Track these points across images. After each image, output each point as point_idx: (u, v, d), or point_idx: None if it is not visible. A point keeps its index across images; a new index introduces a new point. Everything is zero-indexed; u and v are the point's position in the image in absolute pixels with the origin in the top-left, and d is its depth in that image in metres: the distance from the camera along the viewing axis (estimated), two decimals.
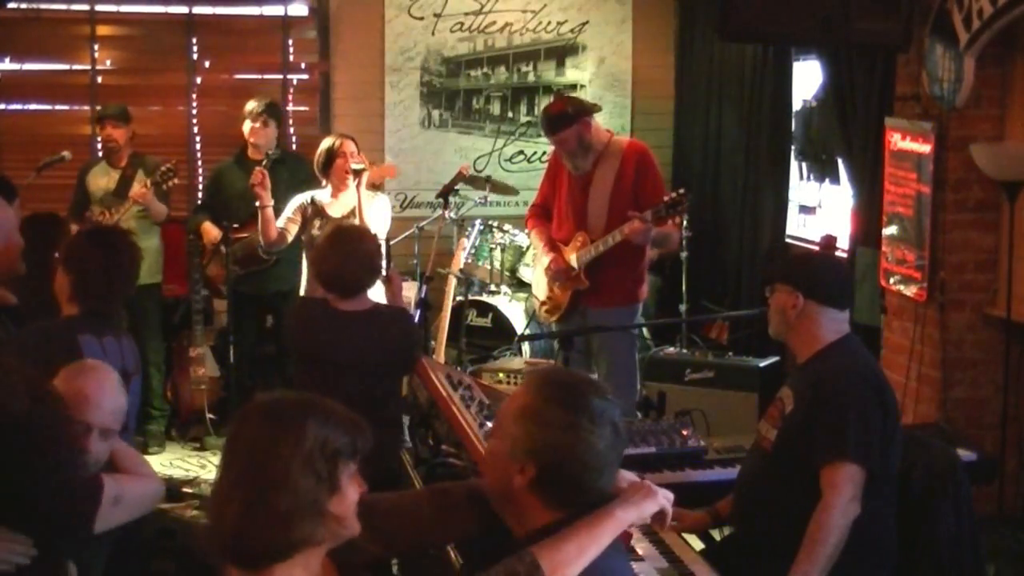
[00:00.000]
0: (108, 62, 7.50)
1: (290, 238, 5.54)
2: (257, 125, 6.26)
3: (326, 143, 5.54)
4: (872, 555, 3.18)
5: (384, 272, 4.49)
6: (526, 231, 5.83)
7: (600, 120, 5.27)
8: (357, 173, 5.36)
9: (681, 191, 4.86)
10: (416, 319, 5.01)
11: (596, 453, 2.10)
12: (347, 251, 4.12)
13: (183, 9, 7.44)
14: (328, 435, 2.03)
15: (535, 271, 5.54)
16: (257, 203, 5.49)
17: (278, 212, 5.55)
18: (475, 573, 2.06)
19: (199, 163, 7.57)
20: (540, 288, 5.39)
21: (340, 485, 2.03)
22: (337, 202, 5.48)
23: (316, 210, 5.48)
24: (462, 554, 2.60)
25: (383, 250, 4.45)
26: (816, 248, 6.29)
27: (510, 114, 7.82)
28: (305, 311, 4.40)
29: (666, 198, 4.86)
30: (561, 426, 2.11)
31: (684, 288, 6.44)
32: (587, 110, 5.11)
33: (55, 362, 3.24)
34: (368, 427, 2.10)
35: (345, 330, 4.11)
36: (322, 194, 5.51)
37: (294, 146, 7.56)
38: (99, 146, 6.31)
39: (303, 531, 1.99)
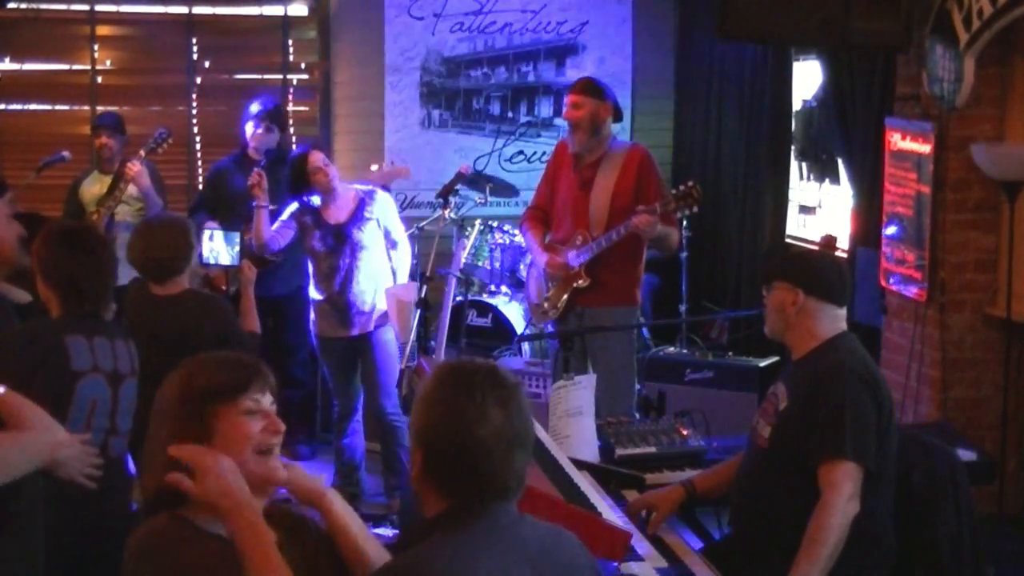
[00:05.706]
0: (108, 62, 7.49)
1: (283, 243, 5.59)
2: (260, 131, 6.19)
3: (295, 162, 5.49)
4: (869, 554, 3.18)
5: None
6: (519, 230, 5.82)
7: None
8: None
9: (690, 183, 4.81)
10: (416, 319, 5.00)
11: (476, 438, 2.04)
12: (150, 239, 4.43)
13: (183, 9, 7.43)
14: (193, 378, 2.16)
15: (528, 274, 5.52)
16: (254, 203, 5.49)
17: (276, 214, 5.54)
18: None
19: (199, 163, 7.56)
20: (534, 290, 5.38)
21: (213, 426, 2.15)
22: (333, 208, 5.49)
23: (315, 219, 5.49)
24: None
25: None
26: (815, 247, 6.29)
27: (510, 114, 7.81)
28: (134, 294, 4.63)
29: (674, 191, 4.84)
30: (441, 410, 2.08)
31: (684, 288, 6.43)
32: (618, 108, 5.16)
33: (41, 366, 3.21)
34: (267, 368, 2.24)
35: (156, 312, 4.42)
36: (315, 201, 5.50)
37: (294, 147, 7.54)
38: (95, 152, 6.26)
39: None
